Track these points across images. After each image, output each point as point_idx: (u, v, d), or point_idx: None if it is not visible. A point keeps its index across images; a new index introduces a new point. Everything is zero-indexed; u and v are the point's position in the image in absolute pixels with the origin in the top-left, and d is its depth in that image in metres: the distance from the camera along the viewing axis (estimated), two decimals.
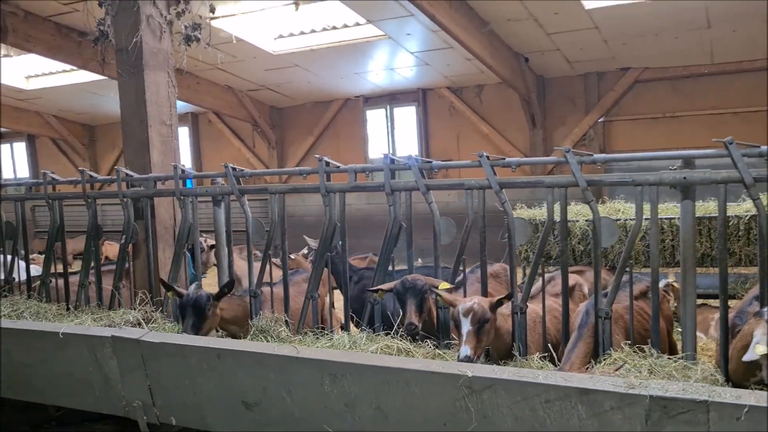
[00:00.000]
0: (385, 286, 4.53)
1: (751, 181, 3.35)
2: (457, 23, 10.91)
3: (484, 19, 11.75)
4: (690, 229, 3.67)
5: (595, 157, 3.85)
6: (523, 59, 13.99)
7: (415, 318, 4.28)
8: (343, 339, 4.23)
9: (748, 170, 3.34)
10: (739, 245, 8.96)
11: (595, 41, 12.75)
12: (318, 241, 7.01)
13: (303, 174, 4.98)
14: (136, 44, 5.41)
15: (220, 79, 15.75)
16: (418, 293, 4.36)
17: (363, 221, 13.31)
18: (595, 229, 3.87)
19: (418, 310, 4.34)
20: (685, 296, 3.68)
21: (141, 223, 5.69)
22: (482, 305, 3.88)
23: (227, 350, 3.97)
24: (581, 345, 3.84)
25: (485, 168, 4.10)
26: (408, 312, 4.30)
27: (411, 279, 4.41)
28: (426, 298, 4.38)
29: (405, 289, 4.37)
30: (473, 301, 3.90)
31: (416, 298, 4.34)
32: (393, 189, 4.52)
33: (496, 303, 3.95)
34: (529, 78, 14.55)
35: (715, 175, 3.48)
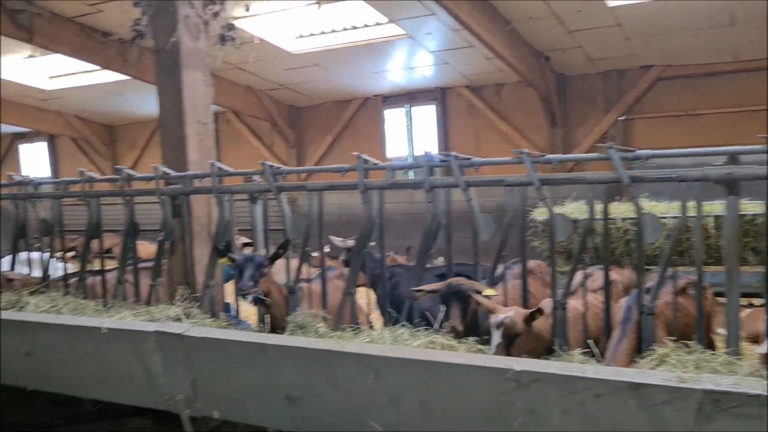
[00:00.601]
0: (429, 287, 4.57)
1: None
2: (479, 22, 10.93)
3: (506, 18, 11.76)
4: (734, 226, 3.68)
5: (639, 153, 3.87)
6: (544, 58, 13.97)
7: (459, 323, 4.33)
8: (383, 335, 4.27)
9: None
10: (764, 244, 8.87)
11: (617, 39, 12.70)
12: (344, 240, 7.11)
13: (341, 171, 5.03)
14: (174, 44, 5.49)
15: (240, 78, 15.84)
16: (463, 298, 4.40)
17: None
18: (639, 225, 3.88)
19: (462, 315, 4.38)
20: (729, 293, 3.69)
21: (178, 221, 5.76)
22: (514, 320, 3.90)
23: (271, 345, 4.02)
24: (625, 341, 3.87)
25: (526, 164, 4.13)
26: (453, 317, 4.35)
27: (456, 283, 4.45)
28: (470, 303, 4.42)
29: (450, 294, 4.42)
30: (506, 315, 3.92)
31: (460, 303, 4.39)
32: (432, 186, 4.56)
33: (529, 316, 3.97)
34: (549, 76, 14.52)
35: (760, 170, 3.49)
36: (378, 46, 13.43)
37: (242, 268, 4.86)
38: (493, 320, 3.90)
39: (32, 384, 5.23)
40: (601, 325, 4.33)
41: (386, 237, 5.07)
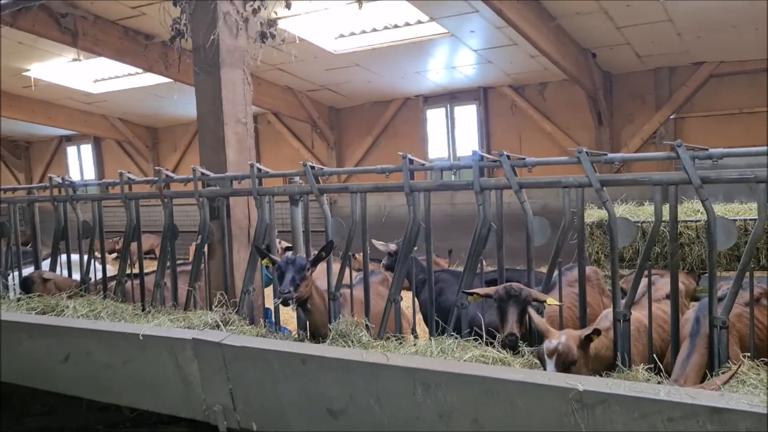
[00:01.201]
0: (482, 290, 4.28)
1: None
2: (525, 18, 10.60)
3: (552, 14, 11.41)
4: None
5: (712, 152, 3.55)
6: (590, 54, 13.54)
7: (516, 328, 4.02)
8: (431, 346, 4.03)
9: None
10: None
11: (668, 34, 12.22)
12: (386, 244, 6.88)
13: (385, 172, 4.80)
14: (213, 42, 5.34)
15: (280, 79, 15.78)
16: (521, 303, 4.08)
17: None
18: (710, 230, 3.56)
19: (519, 321, 4.06)
20: None
21: (216, 223, 5.61)
22: (569, 346, 3.56)
23: (312, 356, 3.82)
24: (695, 356, 3.53)
25: (585, 165, 3.83)
26: (509, 321, 4.04)
27: (516, 287, 4.14)
28: (527, 309, 4.12)
29: (508, 297, 4.10)
30: (559, 341, 3.59)
31: (518, 308, 4.07)
32: (483, 187, 4.29)
33: (585, 339, 3.64)
34: (596, 74, 14.08)
35: None
36: (419, 45, 13.19)
37: (283, 271, 4.65)
38: (545, 346, 3.58)
39: (71, 390, 5.14)
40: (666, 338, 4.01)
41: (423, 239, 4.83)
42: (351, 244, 4.93)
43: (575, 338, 3.60)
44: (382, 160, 17.80)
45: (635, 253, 9.28)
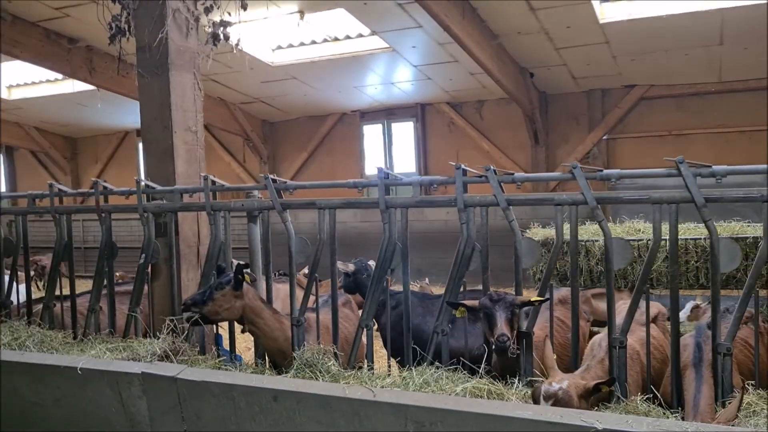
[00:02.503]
0: (469, 302, 3.94)
1: None
2: (470, 35, 10.55)
3: (494, 32, 11.44)
4: None
5: (715, 168, 3.39)
6: (529, 74, 13.70)
7: (506, 329, 3.68)
8: (412, 377, 3.67)
9: None
10: None
11: (604, 57, 12.50)
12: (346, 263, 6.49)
13: (359, 187, 4.44)
14: (161, 41, 4.85)
15: (212, 91, 15.17)
16: (509, 306, 3.77)
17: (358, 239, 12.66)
18: (713, 252, 3.39)
19: (509, 323, 3.74)
20: None
21: (162, 241, 5.08)
22: (569, 395, 3.19)
23: (286, 391, 3.39)
24: (705, 389, 3.31)
25: (580, 181, 3.61)
26: (498, 324, 3.70)
27: (498, 293, 3.84)
28: (516, 314, 3.82)
29: (493, 302, 3.79)
30: (560, 386, 3.22)
31: (506, 311, 3.75)
32: (467, 204, 4.00)
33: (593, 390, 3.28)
34: (533, 94, 14.26)
35: None
36: (359, 60, 12.97)
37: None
38: (545, 388, 3.22)
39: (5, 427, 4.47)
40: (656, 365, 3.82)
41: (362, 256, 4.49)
42: (317, 265, 4.53)
43: (579, 387, 3.27)
44: (317, 176, 17.41)
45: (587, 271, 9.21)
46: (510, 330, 3.72)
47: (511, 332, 3.70)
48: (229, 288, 4.26)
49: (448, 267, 4.23)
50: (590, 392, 3.26)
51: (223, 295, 4.25)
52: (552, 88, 14.73)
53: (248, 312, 4.34)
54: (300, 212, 15.54)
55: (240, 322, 4.46)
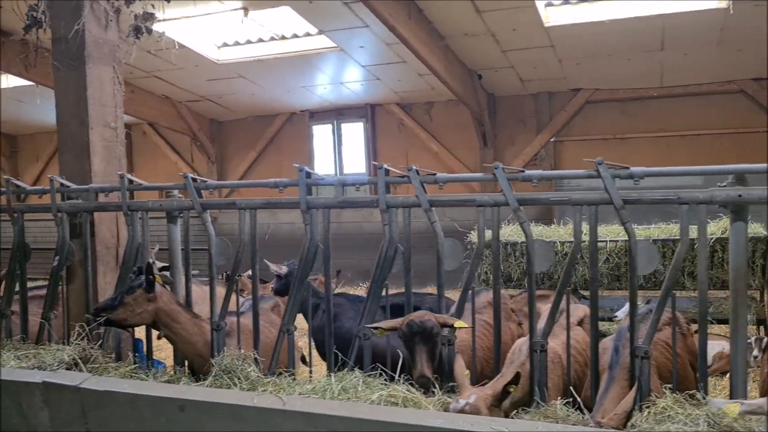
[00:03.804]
0: (386, 323, 3.82)
1: None
2: (416, 35, 10.49)
3: (441, 33, 11.41)
4: (743, 255, 3.21)
5: (633, 170, 3.36)
6: (477, 76, 13.73)
7: (427, 369, 3.57)
8: (330, 384, 3.54)
9: None
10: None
11: (550, 60, 12.61)
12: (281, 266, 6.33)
13: (279, 186, 4.29)
14: (77, 33, 4.61)
15: (156, 88, 14.79)
16: (429, 337, 3.64)
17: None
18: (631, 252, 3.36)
19: (430, 358, 3.63)
20: (735, 332, 3.20)
21: (78, 242, 4.83)
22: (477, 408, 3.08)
23: (193, 401, 3.23)
24: (614, 389, 3.28)
25: (501, 182, 3.54)
26: (418, 362, 3.59)
27: (419, 320, 3.69)
28: (437, 342, 3.70)
29: (413, 333, 3.65)
30: (467, 401, 3.12)
31: (427, 344, 3.62)
32: (389, 205, 3.90)
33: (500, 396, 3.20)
34: (481, 95, 14.30)
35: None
36: (307, 59, 12.80)
37: None
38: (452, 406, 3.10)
39: None
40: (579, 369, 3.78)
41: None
42: (238, 267, 4.36)
43: (487, 398, 3.19)
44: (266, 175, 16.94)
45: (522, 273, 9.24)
46: (431, 366, 3.61)
47: (432, 366, 3.61)
48: (140, 291, 4.06)
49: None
50: (501, 398, 3.20)
51: (135, 298, 4.05)
52: (500, 90, 14.81)
53: (162, 316, 4.14)
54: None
55: (155, 327, 4.26)
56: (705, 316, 3.27)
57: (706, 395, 3.12)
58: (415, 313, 3.77)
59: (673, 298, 3.34)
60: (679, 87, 13.63)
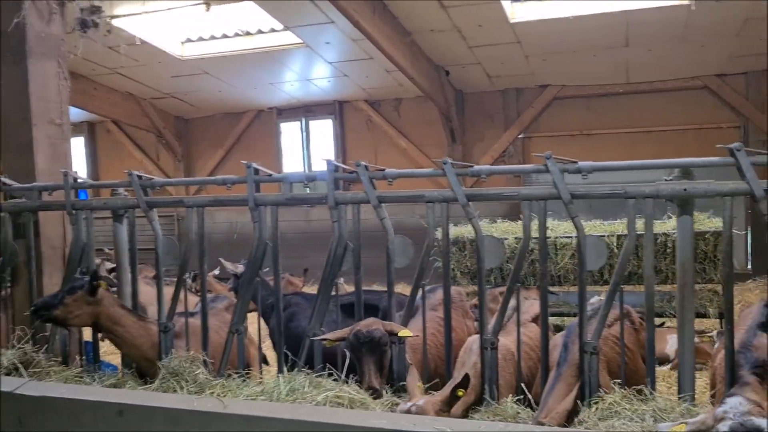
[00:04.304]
0: (334, 335, 3.72)
1: (762, 193, 2.91)
2: (381, 31, 10.42)
3: (407, 29, 11.34)
4: (690, 249, 3.20)
5: (581, 165, 3.33)
6: (444, 72, 13.70)
7: (375, 381, 3.49)
8: (278, 385, 3.46)
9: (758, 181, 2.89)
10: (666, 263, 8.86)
11: (516, 56, 12.61)
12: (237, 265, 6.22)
13: (227, 183, 4.19)
14: (18, 27, 4.45)
15: (119, 84, 14.52)
16: (377, 347, 3.55)
17: None
18: (580, 249, 3.33)
19: (379, 369, 3.54)
20: (682, 325, 3.19)
21: (22, 243, 4.68)
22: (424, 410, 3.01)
23: (132, 405, 3.12)
24: (560, 387, 3.23)
25: (450, 177, 3.49)
26: (366, 373, 3.51)
27: (366, 330, 3.60)
28: (386, 351, 3.61)
29: (360, 344, 3.56)
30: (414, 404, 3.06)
31: (375, 355, 3.54)
32: (338, 202, 3.82)
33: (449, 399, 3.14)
34: (449, 92, 14.27)
35: (720, 186, 3.02)
36: (273, 55, 12.65)
37: None
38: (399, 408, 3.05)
39: None
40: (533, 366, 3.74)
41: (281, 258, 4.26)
42: (186, 267, 4.25)
43: (435, 403, 3.12)
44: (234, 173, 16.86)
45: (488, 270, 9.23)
46: (379, 377, 3.54)
47: (381, 376, 3.54)
48: (82, 293, 3.94)
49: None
50: (450, 402, 3.14)
51: (75, 300, 3.93)
52: (468, 86, 14.80)
53: (104, 319, 4.03)
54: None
55: (97, 329, 4.14)
56: (651, 311, 3.25)
57: (653, 390, 3.11)
58: (362, 322, 3.69)
59: (620, 293, 3.32)
60: (644, 83, 13.74)
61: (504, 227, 9.81)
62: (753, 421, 2.52)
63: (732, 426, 2.51)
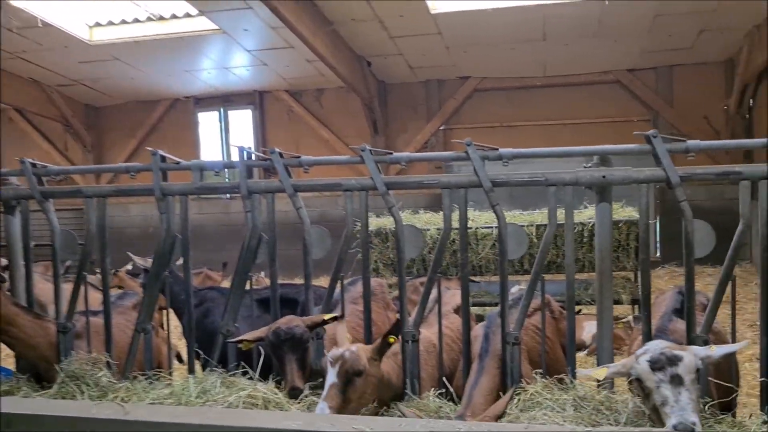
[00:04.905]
0: (251, 335, 3.50)
1: (678, 180, 2.92)
2: (301, 19, 10.18)
3: (328, 18, 11.15)
4: (608, 237, 3.19)
5: (502, 151, 3.27)
6: (366, 63, 13.59)
7: (298, 380, 3.30)
8: (188, 386, 3.24)
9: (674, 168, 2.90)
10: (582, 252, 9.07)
11: (438, 47, 12.64)
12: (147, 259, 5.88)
13: (131, 172, 3.90)
14: None
15: (21, 70, 13.63)
16: (299, 344, 3.38)
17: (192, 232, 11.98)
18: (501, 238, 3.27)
19: (301, 367, 3.36)
20: (601, 312, 3.18)
21: None
22: (357, 354, 3.03)
23: (21, 416, 2.83)
24: (484, 380, 3.16)
25: (368, 165, 3.35)
26: (289, 373, 3.32)
27: (286, 327, 3.41)
28: (308, 348, 3.45)
29: (281, 341, 3.37)
30: (348, 349, 3.06)
31: (297, 352, 3.36)
32: (251, 191, 3.62)
33: (380, 347, 3.11)
34: (372, 83, 14.18)
35: (638, 174, 3.02)
36: (188, 41, 12.17)
37: None
38: (331, 354, 3.02)
39: None
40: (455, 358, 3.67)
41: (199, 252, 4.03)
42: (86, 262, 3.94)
43: (367, 350, 3.11)
44: None
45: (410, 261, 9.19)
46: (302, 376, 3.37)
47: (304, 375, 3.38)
48: None
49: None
50: (381, 350, 3.10)
51: None
52: (390, 77, 14.76)
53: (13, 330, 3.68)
54: None
55: None
56: (572, 300, 3.23)
57: (574, 379, 3.09)
58: (281, 320, 3.50)
59: (542, 283, 3.29)
60: (560, 77, 14.09)
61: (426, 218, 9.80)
62: (672, 351, 2.55)
63: (652, 356, 2.54)
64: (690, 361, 2.53)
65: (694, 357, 2.56)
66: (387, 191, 3.39)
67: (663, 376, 2.50)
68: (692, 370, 2.53)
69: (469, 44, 12.51)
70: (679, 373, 2.49)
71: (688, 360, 2.53)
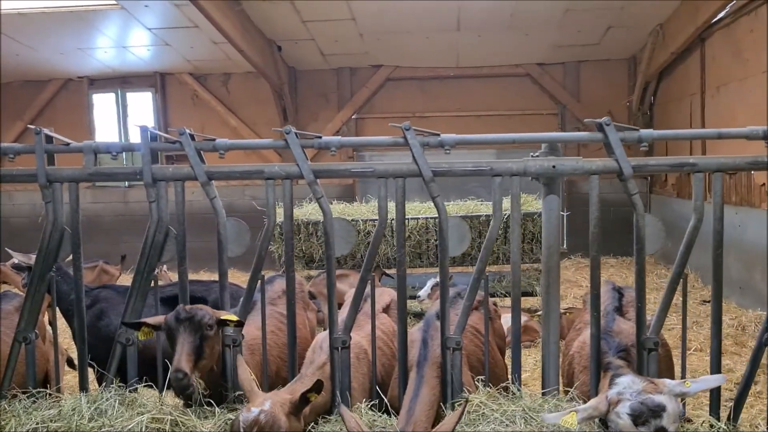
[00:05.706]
0: (153, 319, 3.06)
1: (630, 171, 2.73)
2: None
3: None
4: (556, 230, 2.96)
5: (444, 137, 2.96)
6: (276, 47, 13.04)
7: (185, 363, 2.87)
8: (79, 406, 2.75)
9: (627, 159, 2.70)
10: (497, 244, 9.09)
11: (351, 34, 12.30)
12: (31, 255, 5.20)
13: (9, 154, 3.32)
14: None
15: None
16: (197, 328, 2.97)
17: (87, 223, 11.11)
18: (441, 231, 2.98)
19: (194, 352, 2.94)
20: (548, 313, 2.96)
21: None
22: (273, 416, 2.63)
23: None
24: (425, 391, 2.84)
25: (294, 150, 2.97)
26: (177, 353, 2.89)
27: (189, 309, 3.01)
28: (208, 337, 3.02)
29: (178, 322, 2.96)
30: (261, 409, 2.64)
31: (192, 335, 2.94)
32: (156, 178, 3.14)
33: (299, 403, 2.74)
34: (282, 68, 13.66)
35: (588, 164, 2.81)
36: (82, 16, 11.20)
37: None
38: (242, 418, 2.60)
39: None
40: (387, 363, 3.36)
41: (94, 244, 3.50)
42: None
43: (284, 404, 2.70)
44: None
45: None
46: (192, 361, 2.94)
47: (193, 360, 2.93)
48: None
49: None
50: (299, 405, 2.68)
51: None
52: (301, 63, 14.29)
53: None
54: None
55: None
56: (518, 298, 2.99)
57: (520, 387, 2.85)
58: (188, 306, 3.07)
59: (485, 281, 3.03)
60: (473, 68, 14.11)
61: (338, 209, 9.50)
62: (652, 398, 2.36)
63: (632, 407, 2.34)
64: (673, 410, 2.38)
65: (676, 404, 2.40)
66: (315, 180, 3.02)
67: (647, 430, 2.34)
68: (676, 419, 2.37)
69: (384, 32, 12.25)
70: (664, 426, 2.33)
71: (672, 408, 2.38)
